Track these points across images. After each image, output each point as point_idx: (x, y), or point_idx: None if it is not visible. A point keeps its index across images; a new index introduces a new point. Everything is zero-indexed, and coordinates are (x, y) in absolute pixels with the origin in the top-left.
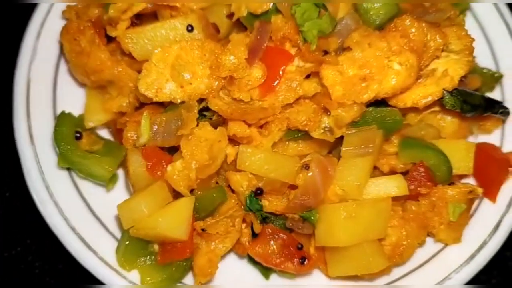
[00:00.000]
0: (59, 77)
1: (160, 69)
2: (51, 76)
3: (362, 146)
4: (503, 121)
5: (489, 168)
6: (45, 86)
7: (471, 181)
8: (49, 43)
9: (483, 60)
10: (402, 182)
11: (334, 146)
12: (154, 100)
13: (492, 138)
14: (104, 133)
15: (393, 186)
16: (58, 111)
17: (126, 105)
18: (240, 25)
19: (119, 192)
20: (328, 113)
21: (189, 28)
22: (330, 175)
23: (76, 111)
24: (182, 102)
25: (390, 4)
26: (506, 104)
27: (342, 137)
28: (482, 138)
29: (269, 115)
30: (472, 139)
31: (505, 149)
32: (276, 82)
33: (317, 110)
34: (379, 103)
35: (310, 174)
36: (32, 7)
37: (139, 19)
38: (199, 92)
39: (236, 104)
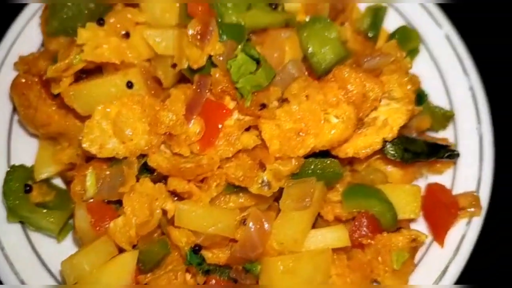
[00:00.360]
0: (14, 128)
1: (102, 125)
2: (5, 127)
3: (300, 200)
4: (455, 163)
5: (437, 211)
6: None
7: (423, 224)
8: (3, 94)
9: (437, 97)
10: (344, 233)
11: (279, 196)
12: (98, 156)
13: (444, 178)
14: (58, 181)
15: (334, 237)
16: (13, 162)
17: (76, 156)
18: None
19: (73, 241)
20: (264, 168)
21: (129, 84)
22: (266, 230)
23: (30, 161)
24: (125, 158)
25: (337, 48)
26: (460, 142)
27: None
28: (434, 178)
29: (206, 172)
30: (421, 181)
31: (456, 190)
32: (214, 137)
33: (253, 165)
34: (321, 153)
35: (246, 229)
36: None
37: (86, 72)
38: (140, 148)
39: (177, 159)
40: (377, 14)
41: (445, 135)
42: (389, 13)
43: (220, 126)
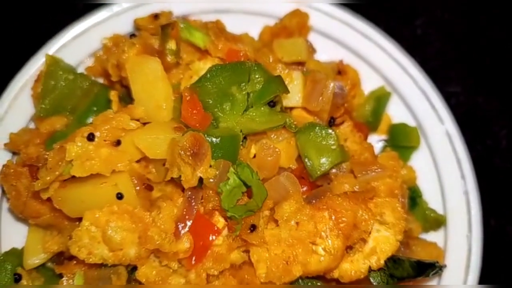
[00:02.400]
0: (3, 210)
1: (91, 232)
2: None
3: None
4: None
5: None
6: None
7: None
8: None
9: (432, 198)
10: None
11: None
12: (87, 262)
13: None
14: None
15: None
16: (2, 246)
17: (66, 246)
18: None
19: None
20: None
21: (119, 195)
22: None
23: (20, 245)
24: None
25: (334, 153)
26: (449, 249)
27: None
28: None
29: None
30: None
31: None
32: (202, 255)
33: None
34: None
35: None
36: None
37: None
38: (129, 258)
39: (165, 270)
40: (379, 101)
41: (435, 237)
42: (393, 99)
43: (209, 244)
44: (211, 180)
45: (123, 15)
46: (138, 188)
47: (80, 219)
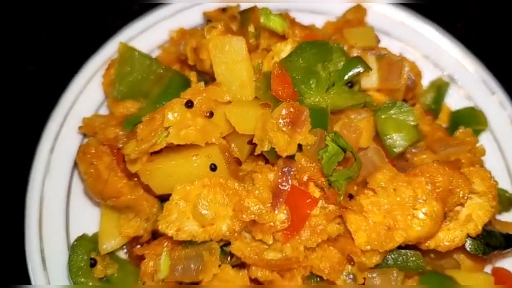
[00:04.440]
0: (72, 194)
1: (181, 207)
2: (64, 193)
3: None
4: None
5: None
6: (58, 204)
7: None
8: (63, 158)
9: (500, 179)
10: None
11: None
12: (175, 239)
13: (509, 262)
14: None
15: None
16: (71, 231)
17: (143, 230)
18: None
19: None
20: (352, 263)
21: (212, 166)
22: None
23: (90, 230)
24: (203, 241)
25: (411, 132)
26: None
27: None
28: (498, 263)
29: (293, 264)
30: (488, 264)
31: None
32: (300, 227)
33: (342, 259)
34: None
35: None
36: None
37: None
38: (221, 234)
39: (258, 245)
40: (439, 90)
41: (508, 218)
42: (450, 89)
43: (306, 215)
44: (310, 147)
45: (188, 10)
46: (228, 162)
47: (162, 198)
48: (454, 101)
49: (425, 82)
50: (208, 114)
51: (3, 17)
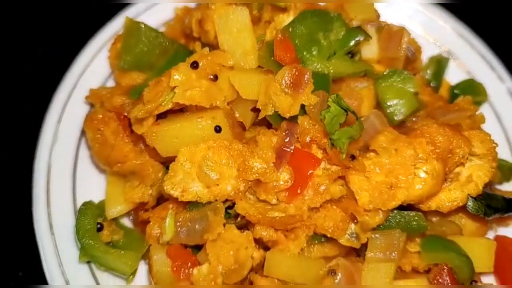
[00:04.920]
0: (79, 162)
1: (186, 168)
2: (71, 161)
3: (387, 252)
4: None
5: (509, 265)
6: (66, 172)
7: (491, 277)
8: (70, 127)
9: (500, 150)
10: (427, 286)
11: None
12: (180, 200)
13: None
14: (124, 219)
15: None
16: (78, 198)
17: (148, 196)
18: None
19: (139, 281)
20: (355, 221)
21: (217, 128)
22: (355, 281)
23: (96, 197)
24: (208, 202)
25: (411, 100)
26: None
27: None
28: (501, 231)
29: (297, 222)
30: (491, 232)
31: None
32: (303, 187)
33: (345, 218)
34: (402, 205)
35: (336, 280)
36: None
37: (165, 112)
38: (226, 194)
39: (262, 206)
40: (439, 65)
41: (509, 187)
42: (450, 64)
43: (309, 175)
44: (313, 108)
45: None
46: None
47: (167, 165)
48: (454, 76)
49: (425, 59)
50: (212, 77)
51: (3, 16)
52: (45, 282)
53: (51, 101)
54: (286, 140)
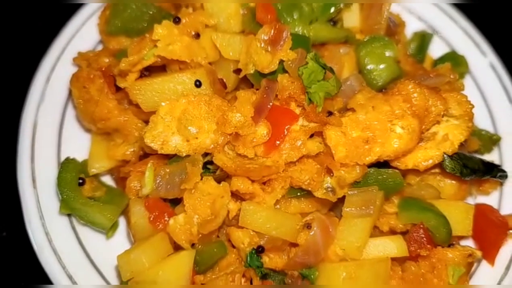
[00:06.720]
0: (65, 122)
1: (166, 122)
2: (57, 120)
3: (363, 207)
4: (501, 184)
5: (488, 231)
6: (51, 130)
7: (470, 242)
8: (58, 88)
9: (482, 122)
10: (402, 243)
11: (335, 204)
12: (159, 152)
13: (490, 199)
14: (107, 179)
15: (393, 247)
16: (63, 156)
17: (130, 153)
18: (246, 80)
19: (119, 239)
20: (331, 174)
21: (197, 83)
22: (331, 235)
23: (80, 156)
24: (187, 155)
25: (392, 66)
26: (504, 166)
27: (343, 196)
28: (481, 199)
29: (273, 173)
30: (471, 200)
31: (503, 211)
32: (280, 141)
33: (320, 170)
34: (381, 164)
35: (311, 233)
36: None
37: (148, 70)
38: (205, 147)
39: (240, 160)
40: (423, 40)
41: (490, 158)
42: (433, 40)
43: (285, 131)
44: (291, 64)
45: None
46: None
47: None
48: (437, 52)
49: (409, 35)
50: (194, 34)
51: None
52: (28, 242)
53: (40, 63)
54: (265, 96)
